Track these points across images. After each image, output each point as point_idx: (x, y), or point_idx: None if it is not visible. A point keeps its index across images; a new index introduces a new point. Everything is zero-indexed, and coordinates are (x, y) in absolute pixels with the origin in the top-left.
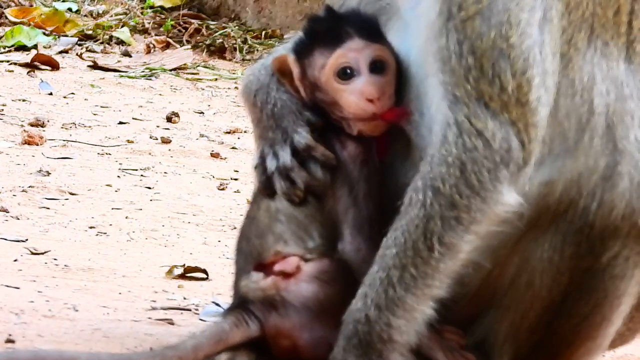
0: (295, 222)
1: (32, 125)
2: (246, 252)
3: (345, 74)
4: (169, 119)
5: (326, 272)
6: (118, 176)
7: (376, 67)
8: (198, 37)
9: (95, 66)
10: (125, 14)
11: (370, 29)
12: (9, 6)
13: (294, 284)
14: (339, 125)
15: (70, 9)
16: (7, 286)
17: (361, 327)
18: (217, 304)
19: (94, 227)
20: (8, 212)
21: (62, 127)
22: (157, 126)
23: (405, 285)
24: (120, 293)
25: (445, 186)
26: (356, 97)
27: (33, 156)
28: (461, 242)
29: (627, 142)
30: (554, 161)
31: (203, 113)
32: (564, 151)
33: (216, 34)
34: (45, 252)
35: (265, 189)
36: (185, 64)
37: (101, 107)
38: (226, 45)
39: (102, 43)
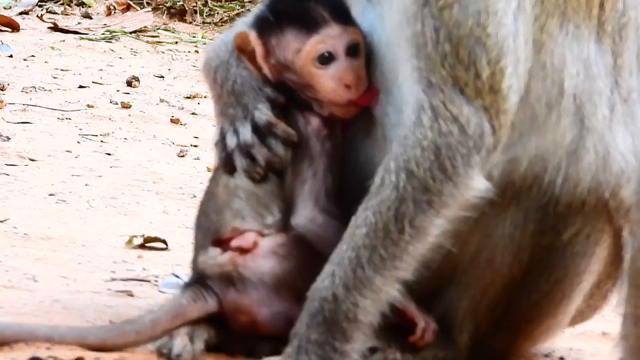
0: (255, 199)
1: None
2: (204, 228)
3: (323, 59)
4: (129, 83)
5: (283, 246)
6: (78, 142)
7: (352, 50)
8: (159, 0)
9: (55, 28)
10: None
11: (342, 10)
12: None
13: (251, 260)
14: (305, 102)
15: None
16: None
17: (327, 305)
18: (177, 276)
19: (53, 195)
20: None
21: (22, 91)
22: (117, 90)
23: (374, 266)
24: (79, 263)
25: (419, 169)
26: (334, 82)
27: None
28: (431, 226)
29: (595, 119)
30: (521, 141)
31: (163, 77)
32: (532, 131)
33: None
34: (5, 220)
35: (226, 165)
36: (145, 27)
37: (61, 70)
38: (186, 8)
39: (62, 4)
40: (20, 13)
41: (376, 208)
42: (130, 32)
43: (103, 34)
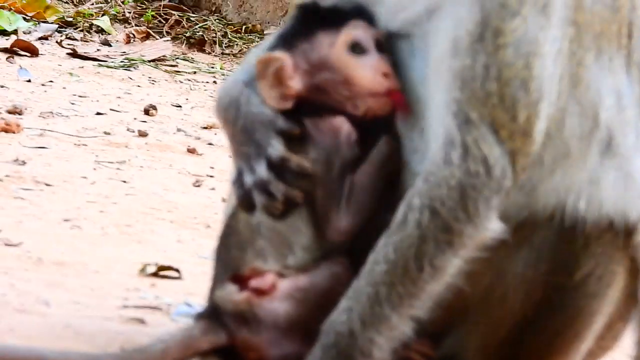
0: (278, 236)
1: (9, 112)
2: (225, 261)
3: (357, 49)
4: (146, 112)
5: (301, 290)
6: (94, 168)
7: (379, 45)
8: (178, 29)
9: (74, 54)
10: (107, 2)
11: (364, 11)
12: None
13: (268, 302)
14: (336, 107)
15: None
16: None
17: (343, 340)
18: (189, 305)
19: (68, 220)
20: None
21: (39, 116)
22: (135, 118)
23: (392, 303)
24: (92, 289)
25: (443, 209)
26: (372, 71)
27: (9, 144)
28: (449, 266)
29: (623, 147)
30: (549, 177)
31: (181, 107)
32: (561, 165)
33: (196, 26)
34: (19, 244)
35: (244, 203)
36: (164, 56)
37: (79, 96)
38: (206, 39)
39: (82, 31)
40: (40, 38)
41: (397, 245)
42: (149, 61)
43: (122, 61)
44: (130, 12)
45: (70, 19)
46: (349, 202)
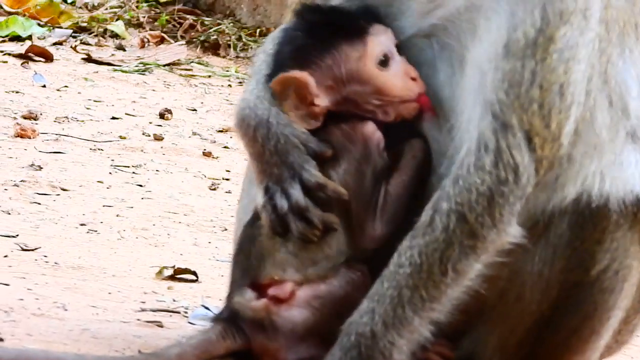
0: (304, 252)
1: (25, 117)
2: (243, 267)
3: (384, 59)
4: (161, 116)
5: (319, 298)
6: (110, 173)
7: (398, 49)
8: (192, 33)
9: (89, 59)
10: (121, 7)
11: (371, 12)
12: None
13: (286, 310)
14: (366, 115)
15: (65, 1)
16: None
17: (364, 341)
18: (206, 307)
19: (84, 225)
20: None
21: (54, 121)
22: (150, 122)
23: (414, 306)
24: (109, 293)
25: (471, 215)
26: (401, 78)
27: (25, 150)
28: (471, 270)
29: None
30: (579, 172)
31: (196, 110)
32: (590, 157)
33: (210, 30)
34: (36, 249)
35: (277, 227)
36: (178, 60)
37: (94, 101)
38: (220, 42)
39: (96, 36)
40: (54, 43)
41: (422, 249)
42: (164, 65)
43: (136, 66)
44: (144, 17)
45: (85, 24)
46: (384, 211)
